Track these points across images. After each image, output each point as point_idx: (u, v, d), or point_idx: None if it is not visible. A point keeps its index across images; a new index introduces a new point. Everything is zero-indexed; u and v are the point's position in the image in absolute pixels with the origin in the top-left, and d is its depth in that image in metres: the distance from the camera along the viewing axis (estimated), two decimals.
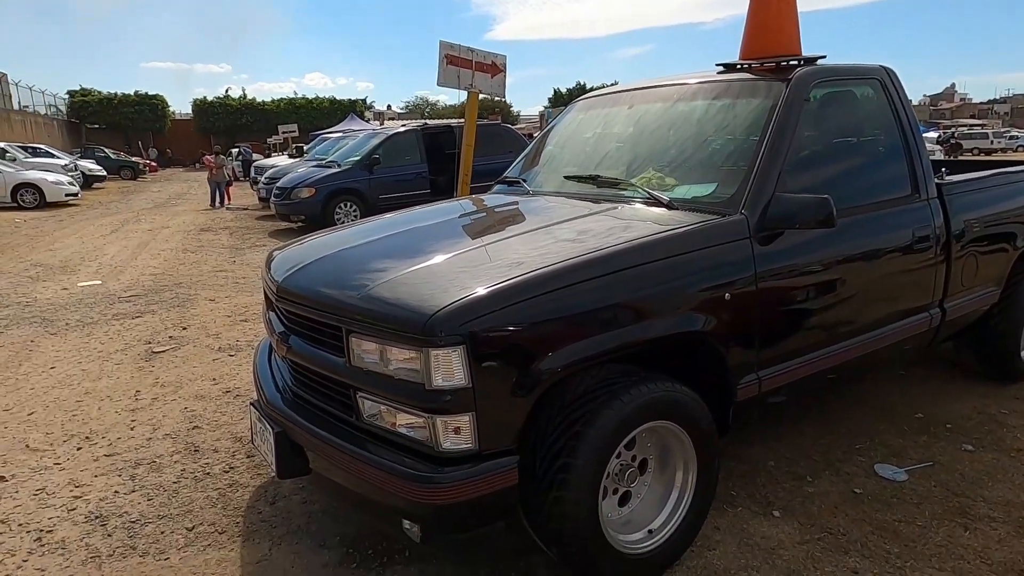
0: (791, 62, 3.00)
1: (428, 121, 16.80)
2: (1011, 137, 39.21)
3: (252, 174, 18.56)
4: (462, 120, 13.84)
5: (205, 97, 46.49)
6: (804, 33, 3.02)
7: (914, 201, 3.08)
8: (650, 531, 2.31)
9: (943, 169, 3.49)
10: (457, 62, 4.97)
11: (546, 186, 3.33)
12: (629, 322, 2.17)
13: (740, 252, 2.43)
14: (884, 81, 3.13)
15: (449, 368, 1.89)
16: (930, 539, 2.44)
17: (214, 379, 4.45)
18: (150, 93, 43.96)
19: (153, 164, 36.15)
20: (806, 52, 3.05)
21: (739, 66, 3.14)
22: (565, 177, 3.25)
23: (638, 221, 2.56)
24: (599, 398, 2.10)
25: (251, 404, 2.68)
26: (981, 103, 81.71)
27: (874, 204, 2.94)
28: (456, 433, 1.93)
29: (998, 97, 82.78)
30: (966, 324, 3.58)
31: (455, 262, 2.31)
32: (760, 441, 3.19)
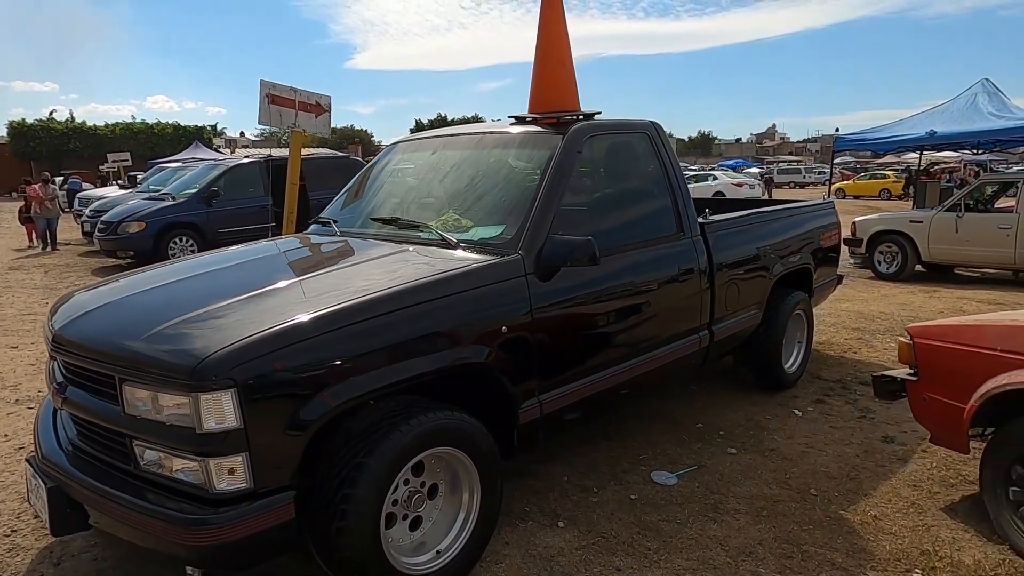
0: (570, 117, 3.38)
1: (273, 152, 16.24)
2: (819, 172, 44.69)
3: (76, 205, 17.01)
4: (313, 151, 13.56)
5: (24, 119, 41.83)
6: (641, 75, 3.42)
7: (680, 239, 3.55)
8: (438, 552, 2.47)
9: (707, 210, 4.03)
10: (279, 101, 5.00)
11: (355, 227, 3.47)
12: (409, 357, 2.34)
13: (516, 288, 2.69)
14: (651, 134, 3.60)
15: (220, 411, 1.95)
16: (684, 534, 2.81)
17: (6, 435, 4.09)
18: None
19: None
20: (640, 95, 3.45)
21: (528, 119, 3.48)
22: (372, 219, 3.40)
23: (427, 261, 2.76)
24: (381, 429, 2.25)
25: (26, 460, 2.54)
26: (798, 141, 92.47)
27: (644, 242, 3.35)
28: (230, 474, 1.99)
29: (810, 136, 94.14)
30: (735, 343, 4.14)
31: (240, 305, 2.37)
32: (558, 458, 3.48)
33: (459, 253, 2.82)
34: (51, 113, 44.20)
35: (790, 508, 3.00)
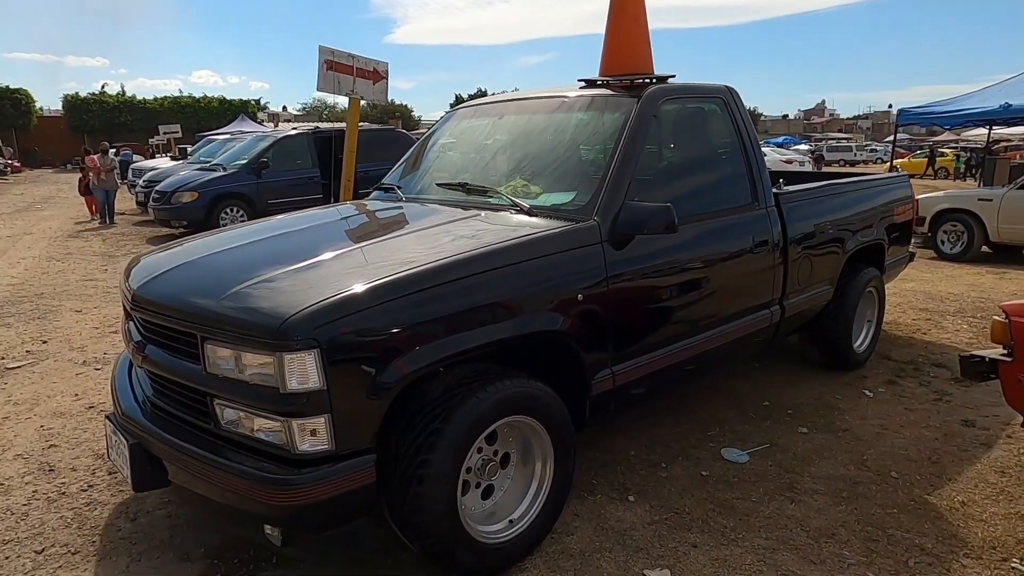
0: (643, 80, 3.24)
1: (321, 125, 16.34)
2: (871, 150, 43.18)
3: (130, 176, 17.43)
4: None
5: (78, 93, 43.05)
6: (689, 49, 3.36)
7: (754, 209, 3.40)
8: (511, 521, 2.43)
9: (780, 180, 3.86)
10: (337, 68, 4.95)
11: (419, 193, 3.41)
12: (484, 323, 2.29)
13: (592, 256, 2.61)
14: (727, 100, 3.44)
15: (303, 371, 1.93)
16: (761, 512, 2.71)
17: (76, 395, 4.20)
18: (12, 87, 40.14)
19: (16, 164, 33.07)
20: (690, 69, 3.33)
21: (598, 82, 3.35)
22: (437, 184, 3.34)
23: (499, 227, 2.69)
24: (457, 396, 2.20)
25: (106, 417, 2.58)
26: (848, 118, 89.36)
27: (718, 212, 3.22)
28: (313, 435, 1.97)
29: (861, 113, 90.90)
30: (805, 320, 3.99)
31: (315, 267, 2.34)
32: (624, 431, 3.42)
33: (532, 219, 2.74)
34: (103, 87, 45.46)
35: (871, 490, 2.88)
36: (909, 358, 4.66)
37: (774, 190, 3.57)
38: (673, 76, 3.32)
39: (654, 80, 3.25)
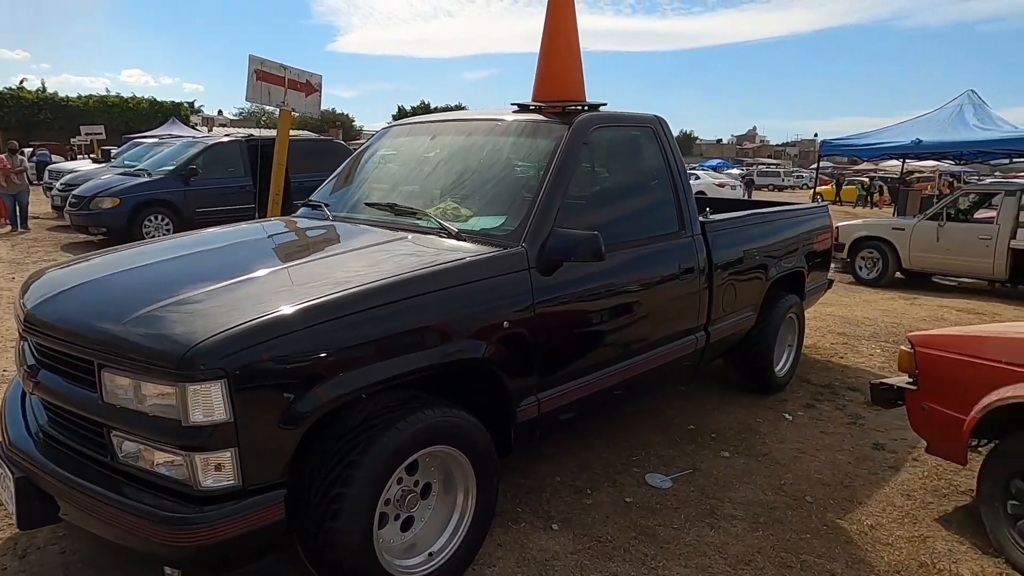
0: (575, 107, 3.27)
1: (255, 131, 15.89)
2: (798, 176, 45.28)
3: (47, 178, 16.46)
4: (295, 134, 13.30)
5: None
6: (625, 73, 3.35)
7: (681, 237, 3.47)
8: (430, 554, 2.37)
9: (707, 209, 3.97)
10: (268, 78, 4.81)
11: (347, 211, 3.33)
12: (407, 351, 2.23)
13: (519, 282, 2.59)
14: (656, 129, 3.51)
15: (208, 403, 1.82)
16: (682, 539, 2.74)
17: None
18: None
19: None
20: (624, 92, 3.38)
21: (531, 107, 3.37)
22: (366, 203, 3.27)
23: (426, 250, 2.64)
24: (376, 425, 2.14)
25: None
26: (777, 145, 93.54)
27: (645, 239, 3.27)
28: (217, 470, 1.87)
29: (789, 140, 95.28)
30: (729, 345, 4.09)
31: (231, 289, 2.23)
32: (550, 457, 3.40)
33: (461, 243, 2.70)
34: (21, 82, 42.96)
35: (787, 515, 2.96)
36: (826, 382, 4.85)
37: (700, 219, 3.66)
38: (604, 104, 3.37)
39: (586, 108, 3.28)
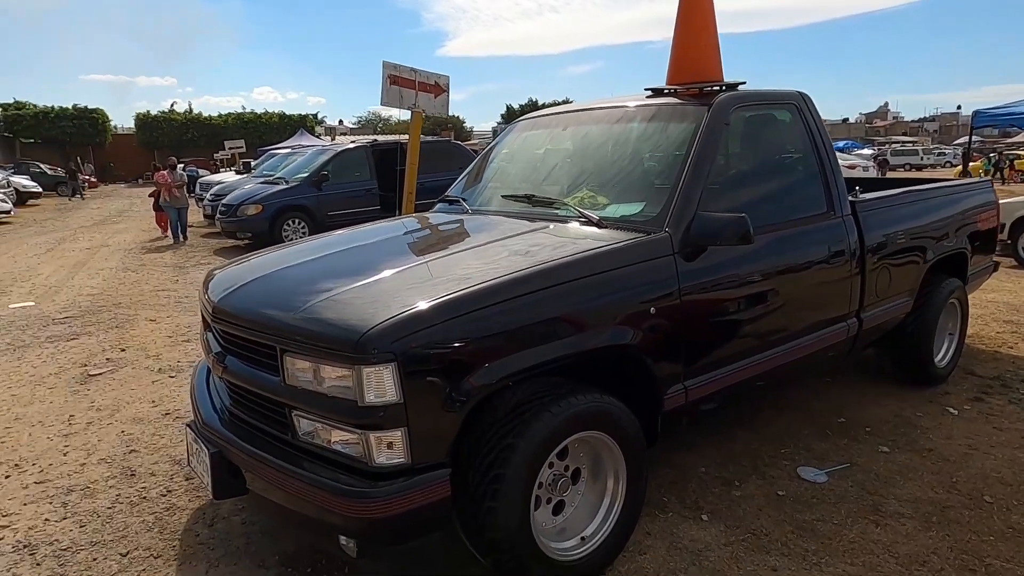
0: (713, 87, 3.17)
1: (378, 137, 16.70)
2: (939, 153, 41.43)
3: (197, 190, 18.17)
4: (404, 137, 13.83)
5: (148, 111, 45.25)
6: (744, 54, 3.28)
7: (830, 218, 3.28)
8: (583, 538, 2.39)
9: (857, 187, 3.72)
10: (400, 82, 5.04)
11: (485, 205, 3.42)
12: (558, 337, 2.26)
13: (664, 268, 2.55)
14: (800, 105, 3.34)
15: (381, 385, 1.94)
16: (844, 536, 2.59)
17: (153, 401, 4.36)
18: (89, 107, 42.43)
19: (93, 180, 34.92)
20: (746, 74, 3.25)
21: (666, 91, 3.30)
22: (502, 196, 3.34)
23: (569, 239, 2.66)
24: (530, 410, 2.18)
25: (187, 425, 2.66)
26: (912, 121, 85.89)
27: (792, 221, 3.12)
28: (389, 448, 1.98)
29: (927, 116, 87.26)
30: (883, 333, 3.81)
31: (388, 281, 2.36)
32: (694, 448, 3.32)
33: (602, 231, 2.70)
34: (172, 105, 47.62)
35: (963, 515, 2.72)
36: (995, 374, 4.40)
37: (850, 198, 3.44)
38: (743, 83, 3.24)
39: (724, 87, 3.17)
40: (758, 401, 3.80)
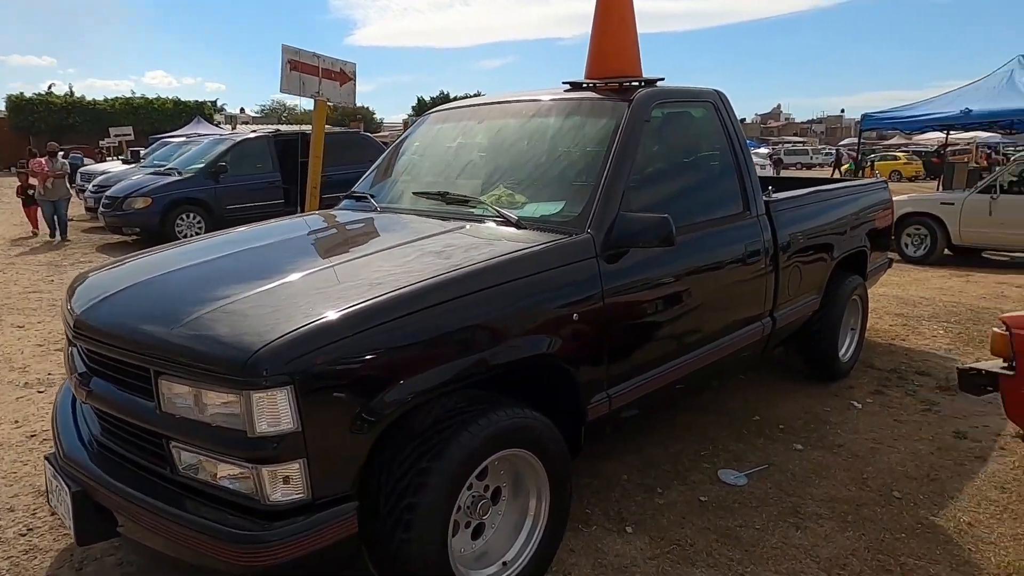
0: (632, 83, 3.08)
1: (281, 127, 15.87)
2: (827, 153, 44.22)
3: (79, 181, 16.65)
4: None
5: (22, 93, 41.17)
6: (649, 53, 3.11)
7: (746, 218, 3.27)
8: (504, 563, 2.23)
9: (770, 187, 3.75)
10: (302, 68, 4.68)
11: (395, 202, 3.19)
12: (478, 347, 2.08)
13: (587, 271, 2.42)
14: (716, 104, 3.30)
15: (275, 411, 1.69)
16: (767, 542, 2.56)
17: (16, 421, 3.84)
18: None
19: None
20: (651, 73, 3.15)
21: (584, 84, 3.18)
22: (414, 193, 3.12)
23: (486, 241, 2.48)
24: (446, 430, 1.99)
25: (45, 458, 2.29)
26: (803, 122, 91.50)
27: (710, 221, 3.08)
28: (285, 483, 1.74)
29: (815, 117, 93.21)
30: (793, 331, 3.88)
31: (288, 289, 2.10)
32: (615, 455, 3.24)
33: (521, 231, 2.54)
34: (50, 87, 43.67)
35: (876, 513, 2.76)
36: (892, 366, 4.60)
37: (764, 197, 3.45)
38: (662, 79, 3.16)
39: (643, 83, 3.09)
40: (673, 405, 3.77)
